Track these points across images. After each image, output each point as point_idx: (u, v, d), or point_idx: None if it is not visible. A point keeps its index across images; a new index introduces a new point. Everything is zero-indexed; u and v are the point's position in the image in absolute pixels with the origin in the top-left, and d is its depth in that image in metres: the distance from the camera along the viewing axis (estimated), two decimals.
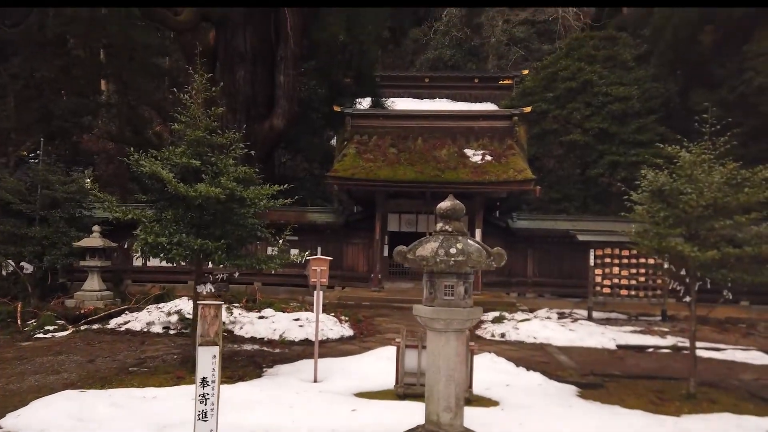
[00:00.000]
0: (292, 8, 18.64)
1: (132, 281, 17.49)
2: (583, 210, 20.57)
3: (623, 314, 14.58)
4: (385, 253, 17.54)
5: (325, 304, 11.99)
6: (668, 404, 7.17)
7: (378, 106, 23.66)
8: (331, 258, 9.06)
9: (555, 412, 6.59)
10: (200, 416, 4.21)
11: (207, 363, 4.07)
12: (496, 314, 12.97)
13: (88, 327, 11.78)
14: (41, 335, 11.04)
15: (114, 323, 11.97)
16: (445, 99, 29.23)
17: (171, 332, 11.28)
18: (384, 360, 8.35)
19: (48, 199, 14.68)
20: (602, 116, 20.78)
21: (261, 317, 11.74)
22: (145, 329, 11.41)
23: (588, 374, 8.64)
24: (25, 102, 20.10)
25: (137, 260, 17.33)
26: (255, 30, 19.46)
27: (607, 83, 21.11)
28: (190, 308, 10.97)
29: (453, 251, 4.61)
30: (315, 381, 7.71)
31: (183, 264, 8.69)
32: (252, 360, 9.08)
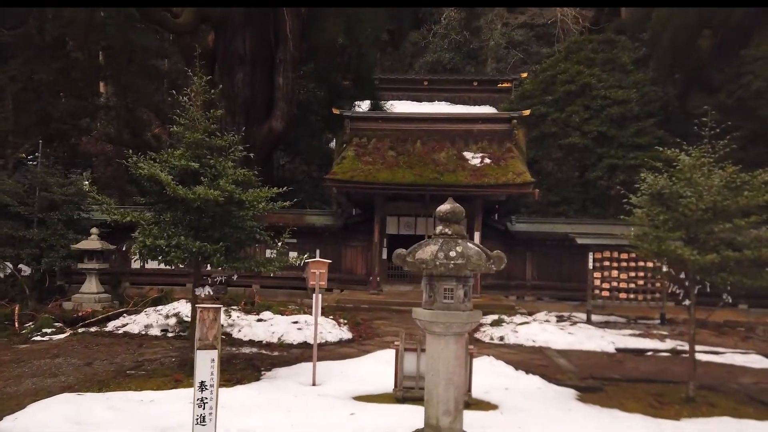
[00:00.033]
0: (291, 11, 18.66)
1: (130, 284, 17.43)
2: (582, 213, 20.56)
3: (622, 317, 14.57)
4: (384, 256, 17.52)
5: (324, 307, 11.97)
6: (668, 408, 7.15)
7: (377, 109, 23.69)
8: (330, 261, 9.05)
9: (554, 416, 6.57)
10: (199, 420, 4.18)
11: (205, 367, 4.04)
12: (495, 317, 12.96)
13: (86, 330, 11.75)
14: (39, 338, 11.00)
15: (112, 326, 11.94)
16: (444, 102, 29.26)
17: (169, 335, 11.25)
18: (383, 363, 8.32)
19: (46, 202, 14.65)
20: (601, 119, 20.79)
21: (259, 320, 11.71)
22: (143, 332, 11.38)
23: (587, 378, 8.62)
24: (24, 104, 20.10)
25: (135, 263, 17.31)
26: (254, 33, 19.46)
27: (606, 86, 21.13)
28: (189, 311, 10.95)
29: (452, 254, 4.60)
30: (313, 384, 7.69)
31: (181, 266, 8.68)
32: (250, 363, 9.05)
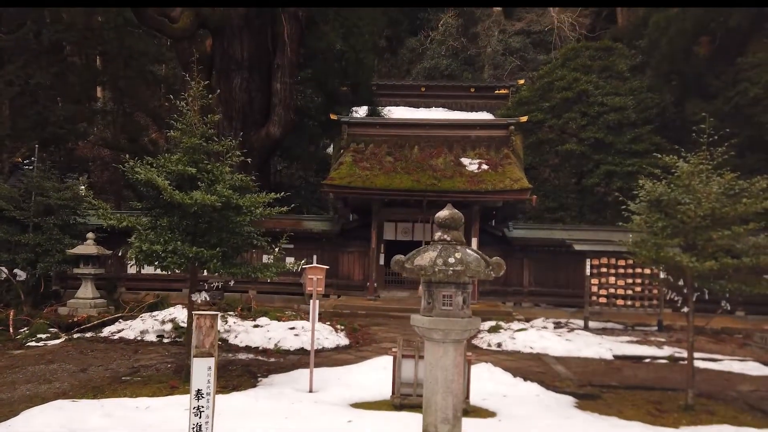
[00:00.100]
0: (290, 16, 18.67)
1: (126, 289, 17.37)
2: (579, 219, 20.59)
3: (619, 324, 14.55)
4: (381, 262, 17.49)
5: (321, 313, 11.90)
6: (666, 416, 7.12)
7: (374, 115, 23.66)
8: (327, 267, 9.01)
9: (553, 424, 6.53)
10: (195, 429, 4.11)
11: (202, 375, 3.98)
12: (493, 324, 12.91)
13: (81, 335, 11.67)
14: (33, 343, 10.92)
15: (107, 331, 11.87)
16: (441, 108, 29.23)
17: (165, 341, 11.17)
18: (380, 370, 8.27)
19: (42, 206, 14.58)
20: (598, 126, 20.84)
21: (256, 326, 11.65)
22: (139, 338, 11.30)
23: (585, 385, 8.59)
24: (21, 108, 20.05)
25: (131, 268, 17.21)
26: (252, 38, 19.46)
27: (603, 93, 21.19)
28: (185, 316, 10.88)
29: (451, 261, 4.57)
30: (310, 391, 7.64)
31: (178, 272, 8.62)
32: (247, 369, 8.99)
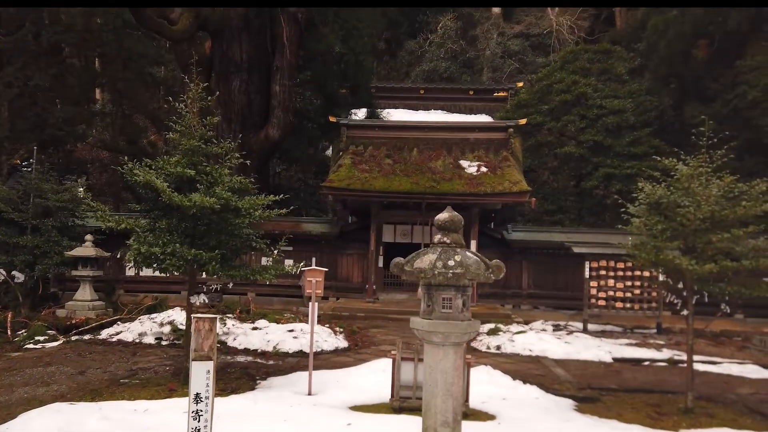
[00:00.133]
0: (289, 18, 18.68)
1: (124, 291, 17.33)
2: (578, 222, 20.57)
3: (618, 327, 14.55)
4: (380, 264, 17.47)
5: (320, 315, 11.88)
6: (666, 419, 7.10)
7: (373, 117, 23.68)
8: (326, 269, 9.00)
9: (552, 427, 6.52)
10: None
11: (201, 378, 3.96)
12: (492, 326, 12.90)
13: (80, 338, 11.64)
14: (31, 346, 10.89)
15: (105, 334, 11.84)
16: (440, 111, 29.24)
17: (163, 343, 11.15)
18: (379, 372, 8.25)
19: (40, 208, 14.55)
20: (597, 129, 20.85)
21: (255, 328, 11.62)
22: (137, 340, 11.28)
23: (585, 388, 8.58)
24: (19, 110, 20.02)
25: (130, 270, 17.20)
26: (251, 40, 19.46)
27: (602, 96, 21.20)
28: (183, 319, 10.85)
29: (451, 263, 4.55)
30: (309, 394, 7.62)
31: (176, 274, 8.60)
32: (245, 372, 8.97)
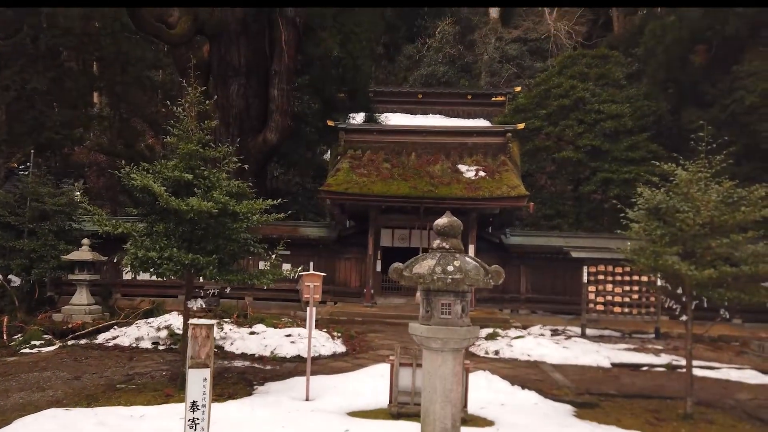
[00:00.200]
0: (287, 22, 18.69)
1: (121, 295, 17.25)
2: (576, 226, 20.57)
3: (617, 331, 14.52)
4: (378, 268, 17.43)
5: (318, 320, 11.84)
6: (665, 425, 7.08)
7: (371, 122, 23.67)
8: (324, 274, 8.95)
9: None
10: None
11: (197, 386, 3.91)
12: (490, 331, 12.86)
13: (76, 342, 11.57)
14: (27, 350, 10.83)
15: (102, 338, 11.78)
16: (438, 115, 29.28)
17: (160, 348, 11.09)
18: (377, 377, 8.22)
19: (37, 212, 14.49)
20: (595, 133, 20.87)
21: (252, 333, 11.58)
22: (134, 345, 11.22)
23: (583, 393, 8.54)
24: (17, 113, 19.96)
25: (127, 274, 17.06)
26: (249, 44, 19.46)
27: (600, 101, 21.23)
28: (180, 323, 10.80)
29: (450, 269, 4.52)
30: (307, 399, 7.57)
31: (173, 278, 8.55)
32: (242, 377, 8.92)
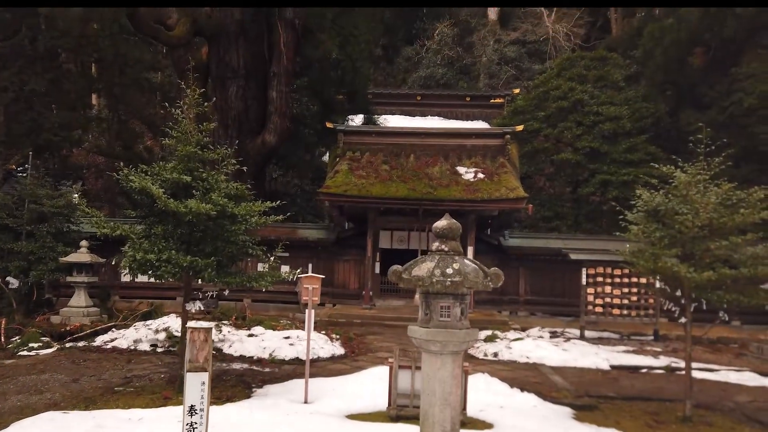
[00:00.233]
0: (286, 24, 18.67)
1: (120, 297, 17.23)
2: (575, 228, 20.57)
3: (615, 333, 14.52)
4: (377, 270, 17.41)
5: (316, 322, 11.82)
6: (664, 427, 7.07)
7: (370, 124, 23.68)
8: (323, 276, 8.95)
9: None
10: None
11: (195, 390, 3.88)
12: (489, 333, 12.84)
13: (74, 344, 11.54)
14: (25, 353, 10.80)
15: (100, 341, 11.74)
16: (437, 117, 29.32)
17: (158, 350, 11.06)
18: (376, 380, 8.20)
19: (35, 214, 14.47)
20: (593, 135, 20.88)
21: (251, 335, 11.55)
22: (132, 347, 11.19)
23: (582, 395, 8.53)
24: (15, 115, 19.92)
25: (125, 276, 17.04)
26: (248, 46, 19.45)
27: (598, 103, 21.25)
28: (179, 326, 10.78)
29: (449, 271, 4.51)
30: (305, 402, 7.55)
31: (172, 281, 8.54)
32: (241, 379, 8.90)
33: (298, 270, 9.87)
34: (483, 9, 35.60)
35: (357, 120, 24.16)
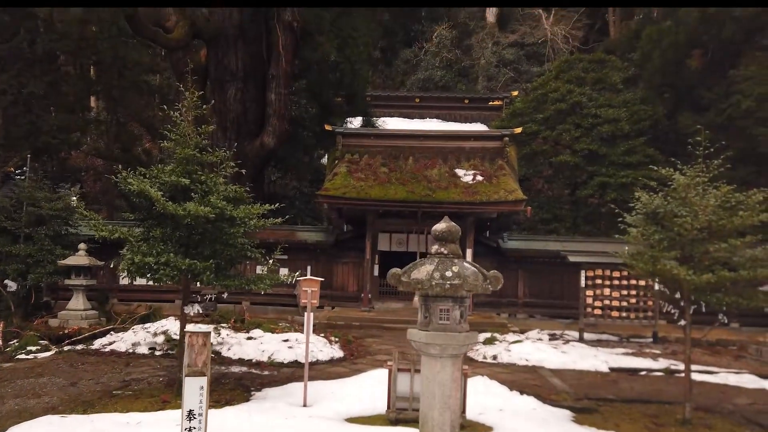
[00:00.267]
0: (284, 27, 18.68)
1: (118, 300, 17.19)
2: (574, 231, 20.56)
3: (614, 336, 14.52)
4: (376, 273, 17.41)
5: (315, 325, 11.81)
6: (664, 430, 7.07)
7: (369, 126, 23.67)
8: (322, 278, 8.94)
9: None
10: None
11: (194, 394, 3.86)
12: (488, 335, 12.84)
13: (72, 348, 11.51)
14: (23, 356, 10.76)
15: (98, 344, 11.71)
16: (436, 119, 29.31)
17: (157, 353, 11.04)
18: (375, 383, 8.19)
19: (33, 216, 14.43)
20: (591, 138, 20.88)
21: (249, 338, 11.54)
22: (131, 350, 11.17)
23: (582, 398, 8.53)
24: (13, 118, 19.88)
25: (124, 279, 17.03)
26: (247, 48, 19.46)
27: (596, 105, 21.24)
28: (177, 329, 10.74)
29: (449, 274, 4.51)
30: (304, 405, 7.54)
31: (170, 284, 8.52)
32: (240, 383, 8.88)
33: (297, 273, 9.86)
34: (481, 12, 35.64)
35: (356, 122, 24.15)
